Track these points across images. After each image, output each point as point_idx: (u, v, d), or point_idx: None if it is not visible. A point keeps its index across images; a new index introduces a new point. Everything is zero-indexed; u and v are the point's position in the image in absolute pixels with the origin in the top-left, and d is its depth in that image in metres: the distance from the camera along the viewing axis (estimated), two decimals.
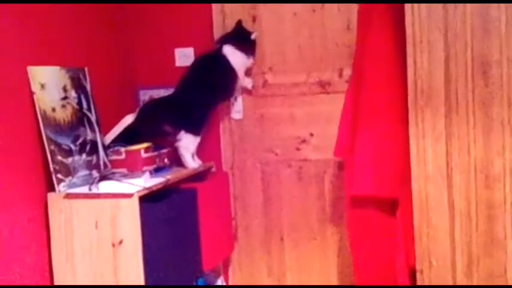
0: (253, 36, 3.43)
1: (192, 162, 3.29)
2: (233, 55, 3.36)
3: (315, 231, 3.60)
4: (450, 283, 2.67)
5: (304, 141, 3.57)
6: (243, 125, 3.66)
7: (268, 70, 3.58)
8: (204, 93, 3.30)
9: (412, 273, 2.76)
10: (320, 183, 3.57)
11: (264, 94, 3.62)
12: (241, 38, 3.42)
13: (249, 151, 3.66)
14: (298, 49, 3.55)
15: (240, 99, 3.63)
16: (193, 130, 3.24)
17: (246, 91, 3.59)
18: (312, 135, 3.55)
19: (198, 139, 3.28)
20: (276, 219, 3.66)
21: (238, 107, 3.64)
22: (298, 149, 3.59)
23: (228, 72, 3.36)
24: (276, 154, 3.63)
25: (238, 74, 3.39)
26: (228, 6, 3.56)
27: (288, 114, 3.59)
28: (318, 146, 3.53)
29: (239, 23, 3.46)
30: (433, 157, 2.64)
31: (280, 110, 3.61)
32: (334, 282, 3.58)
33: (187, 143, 3.24)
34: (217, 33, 3.54)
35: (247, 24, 3.52)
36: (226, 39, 3.41)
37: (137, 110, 3.28)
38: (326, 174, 3.56)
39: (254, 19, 3.56)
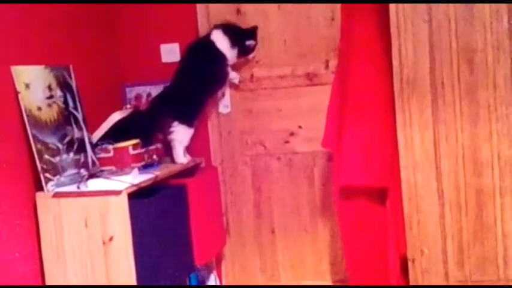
0: (248, 43, 3.45)
1: (183, 157, 3.28)
2: (219, 40, 3.36)
3: (306, 223, 3.60)
4: (442, 271, 2.68)
5: (292, 133, 3.57)
6: (231, 119, 3.65)
7: (255, 64, 3.58)
8: (196, 82, 3.30)
9: (404, 262, 2.77)
10: (310, 175, 3.57)
11: (251, 88, 3.61)
12: (233, 29, 3.42)
13: (238, 145, 3.66)
14: (283, 42, 3.54)
15: (227, 94, 3.62)
16: (188, 121, 3.24)
17: (233, 85, 3.58)
18: (300, 127, 3.55)
19: (191, 131, 3.27)
20: (267, 212, 3.66)
21: (226, 102, 3.63)
22: (287, 142, 3.59)
23: (216, 56, 3.36)
24: (265, 147, 3.62)
25: (227, 57, 3.39)
26: None
27: (275, 107, 3.59)
28: (307, 138, 3.53)
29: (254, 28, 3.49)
30: (421, 145, 2.65)
31: (267, 104, 3.60)
32: (327, 274, 3.58)
33: (182, 135, 3.23)
34: (202, 28, 3.54)
35: (232, 18, 3.52)
36: (218, 25, 3.41)
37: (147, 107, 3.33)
38: (315, 166, 3.56)
39: (239, 12, 3.55)
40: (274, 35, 3.55)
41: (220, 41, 3.36)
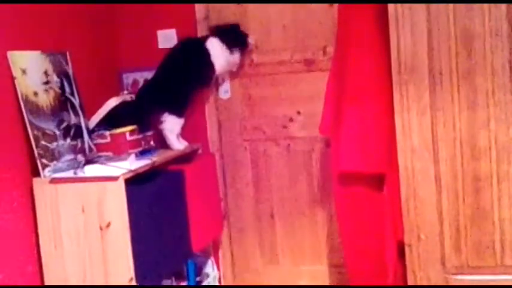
0: (250, 40, 3.45)
1: (178, 144, 3.28)
2: (216, 49, 3.35)
3: (304, 208, 3.62)
4: (438, 256, 2.68)
5: (291, 119, 3.56)
6: (230, 105, 3.65)
7: (254, 49, 3.57)
8: (181, 79, 3.29)
9: (401, 248, 2.77)
10: (308, 160, 3.58)
11: (251, 73, 3.61)
12: (232, 36, 3.41)
13: (237, 130, 3.65)
14: (282, 28, 3.53)
15: (227, 79, 3.62)
16: (177, 112, 3.23)
17: (231, 72, 3.58)
18: (299, 113, 3.55)
19: (182, 121, 3.27)
20: (266, 198, 3.66)
21: (226, 87, 3.62)
22: (285, 127, 3.58)
23: (206, 65, 3.35)
24: (264, 133, 3.62)
25: (216, 69, 3.37)
26: None
27: (274, 93, 3.58)
28: (305, 124, 3.53)
29: (236, 26, 3.47)
30: (419, 131, 2.64)
31: (266, 89, 3.60)
32: (324, 259, 3.59)
33: (172, 125, 3.23)
34: (199, 13, 3.52)
35: (231, 3, 3.51)
36: (216, 31, 3.39)
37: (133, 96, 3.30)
38: (314, 151, 3.55)
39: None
40: (273, 21, 3.53)
41: (216, 49, 3.35)
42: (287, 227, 3.65)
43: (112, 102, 3.11)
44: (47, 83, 2.84)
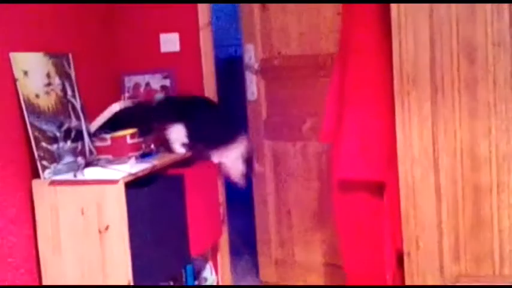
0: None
1: (181, 149, 3.27)
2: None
3: (315, 206, 3.64)
4: (437, 265, 2.69)
5: (304, 121, 3.58)
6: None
7: (277, 55, 3.65)
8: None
9: (400, 256, 2.77)
10: (320, 161, 3.60)
11: (273, 77, 3.69)
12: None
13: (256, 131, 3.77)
14: (299, 35, 3.57)
15: (254, 81, 3.71)
16: (187, 123, 3.23)
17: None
18: (312, 115, 3.54)
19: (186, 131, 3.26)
20: (284, 196, 3.73)
21: (252, 89, 3.74)
22: (300, 130, 3.61)
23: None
24: (282, 133, 3.68)
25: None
26: None
27: (291, 95, 3.63)
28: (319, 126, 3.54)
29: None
30: (419, 140, 2.65)
31: (285, 92, 3.66)
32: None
33: (178, 133, 3.22)
34: (202, 18, 3.53)
35: (257, 13, 3.65)
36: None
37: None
38: (324, 153, 3.55)
39: (264, 9, 3.64)
40: (292, 28, 3.60)
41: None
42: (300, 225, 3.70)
43: (115, 107, 3.10)
44: (48, 84, 2.84)
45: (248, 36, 3.75)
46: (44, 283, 2.74)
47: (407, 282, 2.72)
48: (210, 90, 3.59)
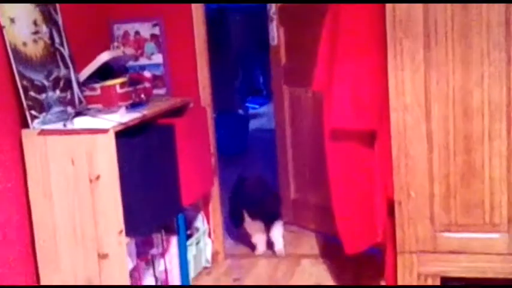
0: None
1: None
2: None
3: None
4: (428, 214, 2.69)
5: None
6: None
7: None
8: None
9: (391, 205, 2.78)
10: None
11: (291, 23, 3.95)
12: None
13: None
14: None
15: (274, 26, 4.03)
16: None
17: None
18: None
19: None
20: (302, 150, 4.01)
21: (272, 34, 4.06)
22: None
23: None
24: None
25: None
26: None
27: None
28: None
29: None
30: (412, 88, 2.63)
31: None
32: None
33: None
34: None
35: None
36: None
37: None
38: None
39: None
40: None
41: None
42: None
43: (104, 57, 3.05)
44: (36, 32, 2.79)
45: None
46: (35, 230, 2.74)
47: (398, 231, 2.74)
48: (200, 39, 3.54)
